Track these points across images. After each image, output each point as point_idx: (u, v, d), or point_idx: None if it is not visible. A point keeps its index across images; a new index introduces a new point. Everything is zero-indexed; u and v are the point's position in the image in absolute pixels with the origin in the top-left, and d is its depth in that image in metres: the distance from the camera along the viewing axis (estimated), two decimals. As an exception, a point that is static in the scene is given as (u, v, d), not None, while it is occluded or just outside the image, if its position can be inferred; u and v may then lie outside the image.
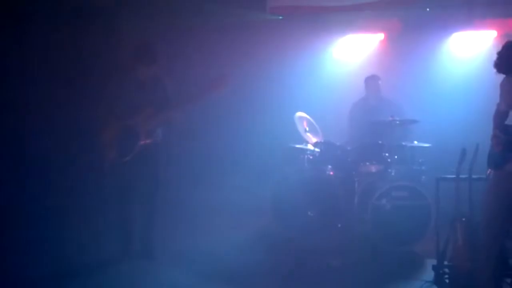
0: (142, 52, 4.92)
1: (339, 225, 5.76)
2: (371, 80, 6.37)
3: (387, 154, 5.80)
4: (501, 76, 4.07)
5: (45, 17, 5.60)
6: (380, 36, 7.18)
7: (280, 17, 7.29)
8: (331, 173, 5.98)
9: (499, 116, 4.01)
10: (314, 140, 6.25)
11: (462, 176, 4.37)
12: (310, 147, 6.20)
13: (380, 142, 5.85)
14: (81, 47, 5.39)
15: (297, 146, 6.43)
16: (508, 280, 4.22)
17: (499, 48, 3.92)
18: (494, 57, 3.91)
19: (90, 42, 5.44)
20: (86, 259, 5.01)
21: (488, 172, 4.13)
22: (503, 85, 4.00)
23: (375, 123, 5.98)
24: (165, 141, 5.10)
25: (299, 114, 6.40)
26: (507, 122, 3.99)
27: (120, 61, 5.45)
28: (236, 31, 7.24)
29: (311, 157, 6.16)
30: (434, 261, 4.54)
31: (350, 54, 7.36)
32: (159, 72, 5.02)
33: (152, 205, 5.11)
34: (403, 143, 5.89)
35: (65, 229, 5.39)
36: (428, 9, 6.70)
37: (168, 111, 4.88)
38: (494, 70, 3.92)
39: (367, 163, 5.86)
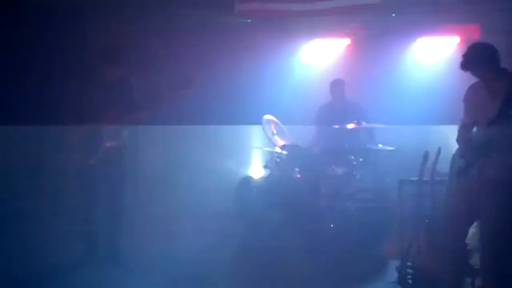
0: (108, 53, 4.86)
1: (306, 228, 5.79)
2: (336, 84, 6.46)
3: (352, 157, 5.88)
4: (463, 83, 4.19)
5: (9, 15, 5.48)
6: (347, 41, 7.28)
7: (249, 21, 7.31)
8: (298, 176, 6.02)
9: (463, 129, 4.11)
10: (281, 143, 6.29)
11: (424, 178, 4.45)
12: (277, 150, 6.24)
13: (345, 145, 5.93)
14: (45, 46, 5.28)
15: (265, 149, 6.46)
16: (469, 280, 4.31)
17: (466, 48, 4.00)
18: (459, 60, 3.98)
19: (54, 41, 5.34)
20: (49, 264, 4.89)
21: (451, 177, 4.25)
22: (466, 98, 4.09)
23: (341, 126, 6.05)
24: (130, 143, 5.04)
25: (267, 117, 6.43)
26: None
27: (85, 61, 5.37)
28: (204, 34, 7.22)
29: (278, 160, 6.21)
30: (397, 262, 4.61)
31: (317, 58, 7.43)
32: (126, 73, 4.96)
33: (118, 207, 5.04)
34: (368, 147, 5.99)
35: (27, 233, 5.26)
36: (393, 15, 6.81)
37: (134, 113, 4.84)
38: (457, 74, 4.01)
39: (333, 166, 5.93)
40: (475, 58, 3.88)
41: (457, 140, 4.13)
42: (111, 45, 4.94)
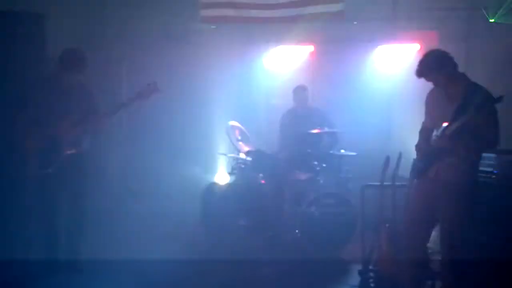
0: (68, 59, 4.77)
1: (270, 233, 5.81)
2: (298, 91, 6.50)
3: (316, 163, 5.92)
4: (424, 89, 4.30)
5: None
6: (310, 48, 7.36)
7: (213, 27, 7.31)
8: (262, 181, 6.03)
9: (424, 132, 4.22)
10: (245, 149, 6.29)
11: (386, 183, 4.53)
12: (242, 155, 6.24)
13: (309, 151, 5.97)
14: (3, 51, 5.15)
15: (229, 155, 6.45)
16: (429, 282, 4.39)
17: (422, 55, 4.11)
18: (415, 70, 4.09)
19: (13, 46, 5.21)
20: (10, 272, 4.77)
21: (410, 181, 4.33)
22: (426, 102, 4.22)
23: (304, 132, 6.09)
24: (91, 150, 4.95)
25: (231, 123, 6.43)
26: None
27: (45, 67, 5.27)
28: (168, 39, 7.20)
29: (242, 166, 6.21)
30: (360, 266, 4.67)
31: (281, 64, 7.48)
32: (86, 79, 4.88)
33: (78, 216, 4.94)
34: (331, 152, 6.06)
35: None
36: (355, 23, 6.93)
37: (94, 120, 4.76)
38: (416, 78, 4.11)
39: (297, 172, 5.96)
40: (428, 66, 4.00)
41: (416, 145, 4.22)
42: (71, 51, 4.83)
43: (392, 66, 7.04)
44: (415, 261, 4.17)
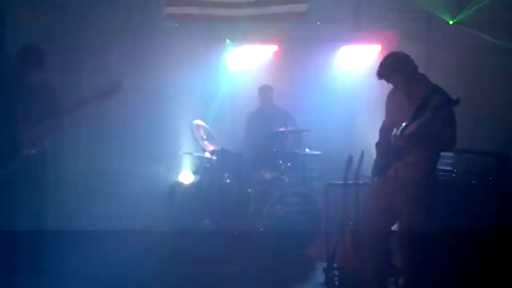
0: (29, 56, 4.66)
1: (236, 232, 5.82)
2: (264, 90, 6.55)
3: (280, 162, 5.97)
4: (385, 88, 4.37)
5: None
6: (274, 47, 7.39)
7: (176, 25, 7.25)
8: (228, 180, 6.04)
9: (384, 130, 4.28)
10: (211, 148, 6.29)
11: (349, 181, 4.60)
12: (207, 155, 6.23)
13: (274, 150, 6.01)
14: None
15: (194, 154, 6.42)
16: (393, 279, 4.48)
17: (382, 57, 4.18)
18: (376, 72, 4.16)
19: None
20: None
21: (372, 179, 4.41)
22: (387, 101, 4.29)
23: (269, 132, 6.13)
24: (52, 150, 4.84)
25: (196, 122, 6.41)
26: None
27: (4, 64, 5.13)
28: (131, 37, 7.10)
29: (207, 165, 6.20)
30: (324, 264, 4.73)
31: (245, 64, 7.49)
32: (47, 77, 4.77)
33: (39, 217, 4.83)
34: (296, 151, 6.11)
35: None
36: (318, 23, 7.00)
37: (56, 119, 4.66)
38: (377, 79, 4.18)
39: (262, 171, 5.99)
40: (388, 68, 4.06)
41: (377, 143, 4.30)
42: (32, 48, 4.72)
43: (354, 66, 7.14)
44: (377, 258, 4.24)
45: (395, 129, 4.12)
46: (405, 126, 3.94)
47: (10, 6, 5.47)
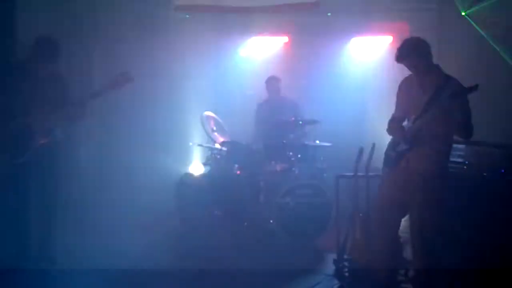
0: (40, 47, 4.68)
1: (245, 223, 5.83)
2: (270, 82, 6.53)
3: (291, 153, 5.96)
4: (396, 79, 4.35)
5: None
6: (285, 38, 7.37)
7: (187, 16, 7.25)
8: (238, 172, 6.04)
9: (394, 122, 4.28)
10: (221, 139, 6.30)
11: (360, 173, 4.59)
12: (217, 146, 6.24)
13: (284, 141, 6.00)
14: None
15: (205, 145, 6.43)
16: (402, 271, 4.48)
17: (403, 40, 4.11)
18: (395, 53, 4.08)
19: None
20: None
21: (383, 169, 4.39)
22: (398, 93, 4.27)
23: (279, 123, 6.12)
24: (64, 140, 4.88)
25: (207, 113, 6.42)
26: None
27: (17, 55, 5.15)
28: (142, 29, 7.11)
29: (218, 157, 6.21)
30: (334, 255, 4.74)
31: (256, 55, 7.48)
32: (59, 68, 4.79)
33: (50, 207, 4.87)
34: (306, 143, 6.10)
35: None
36: (329, 14, 6.96)
37: (67, 109, 4.68)
38: (392, 70, 4.14)
39: (272, 162, 5.99)
40: (409, 50, 4.01)
41: (387, 130, 4.28)
42: (44, 40, 4.74)
43: (366, 57, 7.11)
44: (389, 249, 4.24)
45: (406, 119, 4.11)
46: (419, 115, 3.93)
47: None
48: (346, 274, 4.57)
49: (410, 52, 4.00)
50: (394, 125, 4.24)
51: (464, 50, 6.36)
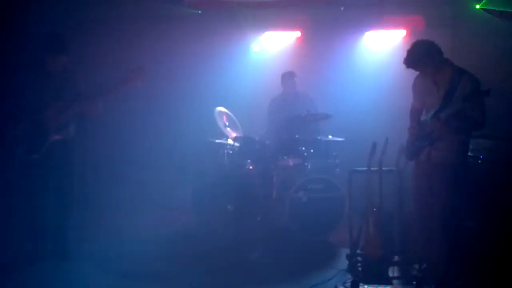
0: (52, 42, 4.70)
1: (258, 218, 5.84)
2: (287, 77, 6.52)
3: (303, 148, 5.95)
4: (410, 75, 4.36)
5: None
6: (297, 33, 7.35)
7: (199, 11, 7.25)
8: (250, 167, 6.05)
9: (414, 113, 4.38)
10: (233, 134, 6.30)
11: (373, 168, 4.57)
12: (229, 141, 6.24)
13: (296, 136, 5.99)
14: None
15: (217, 141, 6.45)
16: (416, 266, 4.46)
17: (409, 46, 4.18)
18: (404, 54, 4.16)
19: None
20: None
21: (400, 162, 4.41)
22: (414, 86, 4.36)
23: (292, 118, 6.11)
24: (78, 136, 4.91)
25: (219, 109, 6.42)
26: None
27: (30, 51, 5.19)
28: (154, 24, 7.13)
29: (230, 152, 6.21)
30: (347, 250, 4.73)
31: (268, 50, 7.47)
32: (71, 64, 4.82)
33: (65, 202, 4.91)
34: (319, 137, 6.08)
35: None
36: (342, 8, 6.92)
37: (80, 105, 4.71)
38: (404, 67, 4.20)
39: (285, 157, 5.98)
40: (416, 58, 4.13)
41: (409, 127, 4.35)
42: (55, 35, 4.77)
43: (379, 51, 7.06)
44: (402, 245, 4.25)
45: (424, 112, 4.14)
46: (438, 110, 4.00)
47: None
48: (360, 269, 4.55)
49: (416, 62, 4.12)
50: (414, 117, 4.35)
51: (478, 43, 6.29)
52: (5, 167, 4.92)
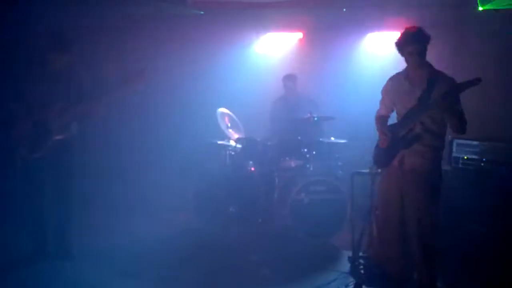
0: (55, 41, 4.70)
1: (260, 220, 5.83)
2: (287, 79, 6.53)
3: (305, 150, 5.94)
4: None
5: None
6: (299, 34, 7.34)
7: (201, 12, 7.25)
8: (252, 168, 6.05)
9: (381, 119, 4.34)
10: (236, 136, 6.31)
11: (375, 170, 4.56)
12: (232, 143, 6.25)
13: (299, 138, 5.99)
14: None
15: (219, 142, 6.45)
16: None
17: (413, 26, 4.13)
18: (404, 37, 4.10)
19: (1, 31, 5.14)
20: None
21: (371, 168, 4.40)
22: (386, 88, 4.33)
23: (294, 119, 6.11)
24: (80, 136, 4.91)
25: (221, 110, 6.43)
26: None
27: (32, 50, 5.19)
28: (157, 25, 7.13)
29: (232, 153, 6.21)
30: (350, 253, 4.71)
31: (270, 51, 7.46)
32: (74, 63, 4.82)
33: (67, 202, 4.91)
34: (321, 139, 6.08)
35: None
36: (344, 9, 6.91)
37: (82, 105, 4.71)
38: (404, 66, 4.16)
39: (287, 159, 5.98)
40: (421, 36, 4.01)
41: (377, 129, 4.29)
42: (58, 34, 4.77)
43: (382, 53, 7.04)
44: (395, 247, 4.21)
45: (397, 115, 4.12)
46: (412, 113, 3.94)
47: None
48: (362, 271, 4.54)
49: (421, 38, 4.00)
50: (381, 123, 4.29)
51: (480, 46, 6.27)
52: (7, 166, 4.92)
